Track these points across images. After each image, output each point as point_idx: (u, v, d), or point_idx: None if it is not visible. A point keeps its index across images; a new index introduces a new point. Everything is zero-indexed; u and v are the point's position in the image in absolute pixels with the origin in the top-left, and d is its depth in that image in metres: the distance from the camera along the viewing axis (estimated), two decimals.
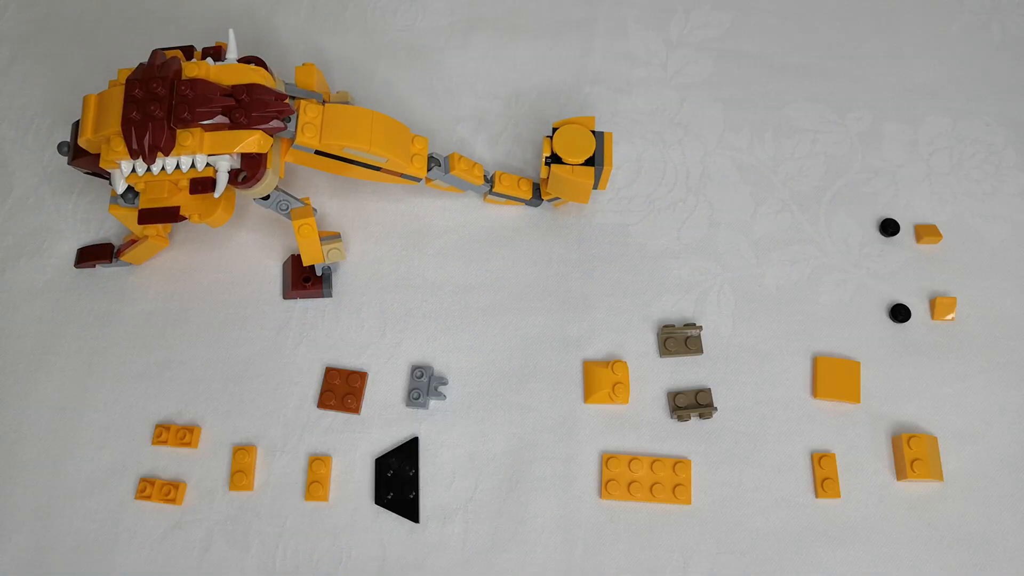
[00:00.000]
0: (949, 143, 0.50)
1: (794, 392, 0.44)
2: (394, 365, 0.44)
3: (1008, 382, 0.44)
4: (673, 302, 0.46)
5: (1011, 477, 0.42)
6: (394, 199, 0.48)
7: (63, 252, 0.47)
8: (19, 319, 0.45)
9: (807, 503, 0.42)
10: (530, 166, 0.49)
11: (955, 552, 0.41)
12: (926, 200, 0.48)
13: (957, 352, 0.45)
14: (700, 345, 0.44)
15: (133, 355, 0.44)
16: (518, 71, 0.52)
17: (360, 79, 0.51)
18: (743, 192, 0.48)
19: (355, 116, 0.40)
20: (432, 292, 0.46)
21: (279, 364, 0.44)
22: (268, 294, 0.46)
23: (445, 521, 0.41)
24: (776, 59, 0.52)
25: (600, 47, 0.52)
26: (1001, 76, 0.52)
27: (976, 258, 0.47)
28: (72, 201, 0.48)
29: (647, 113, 0.50)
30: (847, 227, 0.47)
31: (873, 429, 0.43)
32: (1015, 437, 0.43)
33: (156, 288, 0.46)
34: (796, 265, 0.46)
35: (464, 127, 0.50)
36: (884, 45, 0.53)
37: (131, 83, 0.38)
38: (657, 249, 0.47)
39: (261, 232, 0.47)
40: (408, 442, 0.42)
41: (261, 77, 0.39)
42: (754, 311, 0.45)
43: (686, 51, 0.52)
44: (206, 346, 0.45)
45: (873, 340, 0.45)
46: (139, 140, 0.37)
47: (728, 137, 0.50)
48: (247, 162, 0.39)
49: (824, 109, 0.51)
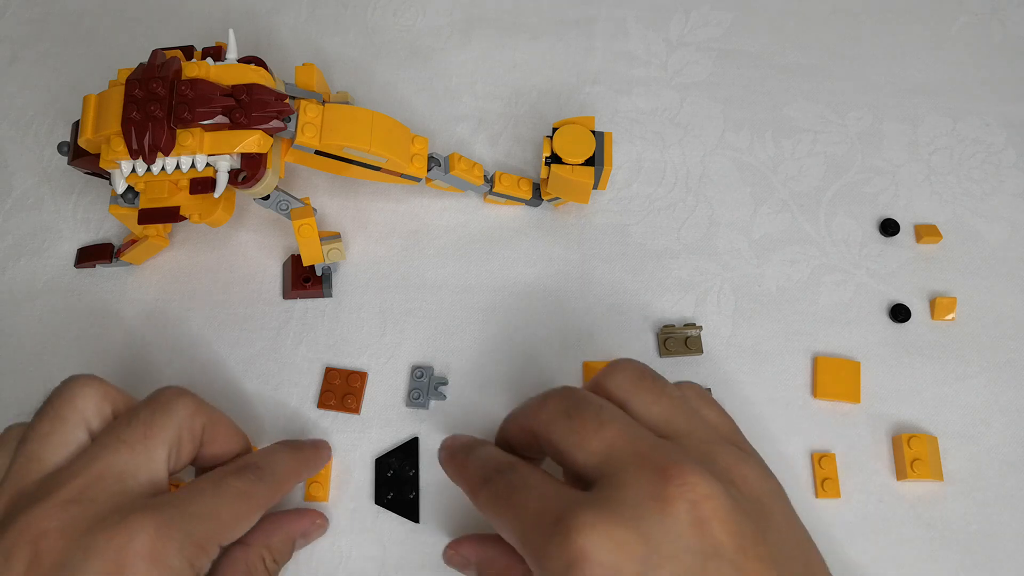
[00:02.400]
0: (949, 143, 0.50)
1: (794, 392, 0.44)
2: (394, 365, 0.44)
3: (1008, 382, 0.44)
4: (673, 302, 0.46)
5: (1011, 477, 0.42)
6: (394, 199, 0.48)
7: (63, 252, 0.47)
8: (19, 319, 0.45)
9: (807, 503, 0.42)
10: (530, 166, 0.49)
11: (955, 552, 0.41)
12: (926, 200, 0.48)
13: (957, 352, 0.45)
14: (700, 345, 0.44)
15: (133, 355, 0.44)
16: (518, 71, 0.52)
17: (360, 79, 0.51)
18: (743, 192, 0.48)
19: (355, 116, 0.40)
20: (432, 292, 0.46)
21: (279, 364, 0.44)
22: (268, 294, 0.46)
23: (446, 521, 0.41)
24: (776, 59, 0.52)
25: (600, 47, 0.52)
26: (1001, 76, 0.52)
27: (976, 258, 0.47)
28: (72, 201, 0.48)
29: (647, 113, 0.50)
30: (847, 227, 0.47)
31: (873, 429, 0.43)
32: (1015, 437, 0.43)
33: (156, 288, 0.46)
34: (796, 265, 0.47)
35: (464, 127, 0.50)
36: (884, 45, 0.53)
37: (131, 83, 0.38)
38: (657, 249, 0.47)
39: (261, 232, 0.47)
40: (408, 442, 0.42)
41: (261, 77, 0.39)
42: (754, 311, 0.45)
43: (686, 51, 0.52)
44: (206, 346, 0.45)
45: (873, 340, 0.45)
46: (139, 140, 0.37)
47: (728, 137, 0.50)
48: (247, 162, 0.39)
49: (824, 109, 0.51)
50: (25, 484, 0.31)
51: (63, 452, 0.32)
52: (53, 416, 0.33)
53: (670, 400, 0.33)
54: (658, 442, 0.31)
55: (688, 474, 0.28)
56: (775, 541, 0.30)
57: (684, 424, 0.32)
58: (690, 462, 0.29)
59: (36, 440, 0.32)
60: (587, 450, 0.31)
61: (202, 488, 0.33)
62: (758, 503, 0.30)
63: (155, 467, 0.32)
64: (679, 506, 0.28)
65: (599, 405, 0.32)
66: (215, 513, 0.32)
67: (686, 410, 0.33)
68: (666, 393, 0.33)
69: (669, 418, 0.32)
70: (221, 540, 0.32)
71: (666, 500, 0.28)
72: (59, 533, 0.29)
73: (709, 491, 0.28)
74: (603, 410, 0.31)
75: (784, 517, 0.31)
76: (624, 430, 0.31)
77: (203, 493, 0.32)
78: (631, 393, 0.33)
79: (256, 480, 0.34)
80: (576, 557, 0.27)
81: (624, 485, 0.29)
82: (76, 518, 0.29)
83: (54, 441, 0.32)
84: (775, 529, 0.30)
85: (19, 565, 0.28)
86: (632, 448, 0.30)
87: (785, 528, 0.31)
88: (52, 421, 0.33)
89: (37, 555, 0.29)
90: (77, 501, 0.30)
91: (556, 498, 0.29)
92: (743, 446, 0.34)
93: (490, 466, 0.33)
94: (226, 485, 0.33)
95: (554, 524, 0.28)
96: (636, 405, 0.33)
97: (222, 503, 0.33)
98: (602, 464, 0.30)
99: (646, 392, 0.33)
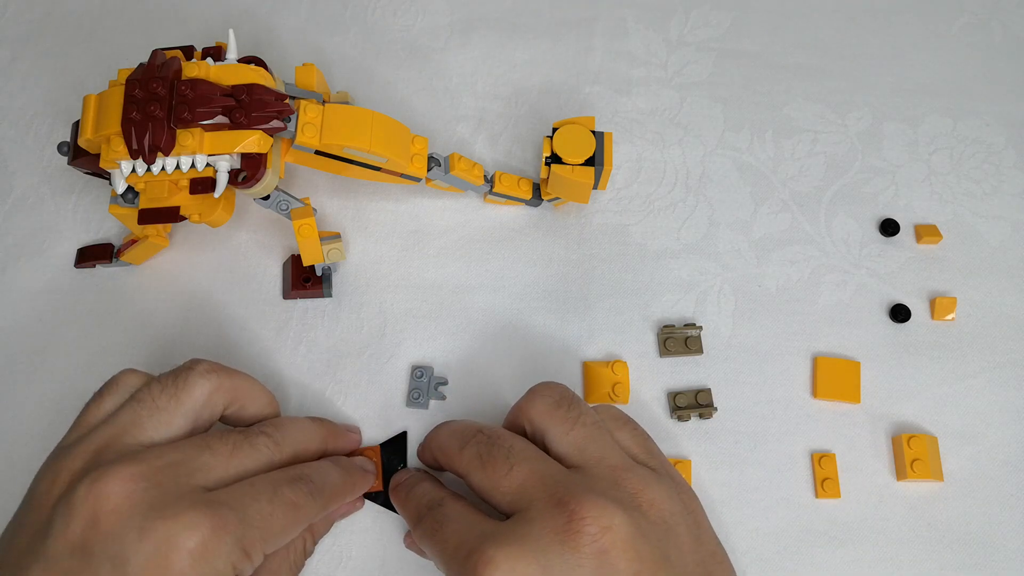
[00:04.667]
0: (949, 143, 0.50)
1: (794, 392, 0.44)
2: (394, 365, 0.44)
3: (1008, 382, 0.44)
4: (673, 302, 0.46)
5: (1011, 477, 0.42)
6: (394, 199, 0.48)
7: (63, 252, 0.47)
8: (19, 319, 0.45)
9: (807, 503, 0.42)
10: (530, 166, 0.49)
11: (955, 552, 0.41)
12: (926, 200, 0.48)
13: (957, 352, 0.45)
14: (700, 345, 0.44)
15: (133, 355, 0.44)
16: (518, 71, 0.52)
17: (360, 79, 0.51)
18: (743, 192, 0.48)
19: (355, 116, 0.40)
20: (432, 292, 0.46)
21: (279, 364, 0.44)
22: (268, 294, 0.46)
23: None
24: (776, 59, 0.52)
25: (600, 47, 0.52)
26: (1001, 76, 0.52)
27: (976, 258, 0.47)
28: (72, 201, 0.48)
29: (647, 113, 0.50)
30: (847, 227, 0.47)
31: (873, 429, 0.43)
32: (1015, 437, 0.43)
33: (156, 288, 0.46)
34: (796, 265, 0.47)
35: (464, 127, 0.50)
36: (884, 45, 0.53)
37: (131, 83, 0.38)
38: (657, 249, 0.47)
39: (261, 232, 0.47)
40: (397, 436, 0.42)
41: (261, 77, 0.39)
42: (754, 311, 0.45)
43: (686, 51, 0.52)
44: (206, 346, 0.45)
45: (873, 340, 0.45)
46: (139, 140, 0.37)
47: (728, 137, 0.50)
48: (247, 162, 0.39)
49: (824, 109, 0.51)
50: (118, 444, 0.33)
51: (163, 432, 0.34)
52: (172, 395, 0.34)
53: (583, 429, 0.35)
54: (565, 477, 0.33)
55: (589, 507, 0.31)
56: (676, 559, 0.32)
57: (596, 451, 0.34)
58: (592, 495, 0.31)
59: (147, 409, 0.34)
60: (500, 491, 0.33)
61: (259, 493, 0.33)
62: (664, 526, 0.32)
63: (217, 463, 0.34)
64: (581, 539, 0.30)
65: (509, 447, 0.34)
66: (267, 523, 0.33)
67: (599, 436, 0.35)
68: (580, 422, 0.35)
69: (582, 446, 0.34)
70: (267, 549, 0.33)
71: (568, 533, 0.30)
72: (122, 505, 0.30)
73: (609, 522, 0.31)
74: (512, 453, 0.34)
75: (691, 537, 0.33)
76: (533, 469, 0.33)
77: (259, 499, 0.33)
78: (548, 423, 0.35)
79: (308, 495, 0.35)
80: None
81: (531, 520, 0.31)
82: (143, 496, 0.30)
83: (162, 420, 0.34)
84: (678, 550, 0.32)
85: (79, 523, 0.30)
86: (540, 484, 0.33)
87: (689, 548, 0.33)
88: (169, 399, 0.34)
89: (96, 519, 0.30)
90: (147, 478, 0.31)
91: (471, 532, 0.32)
92: (657, 467, 0.36)
93: (423, 503, 0.36)
94: (281, 495, 0.34)
95: (466, 558, 0.31)
96: (552, 435, 0.35)
97: (275, 513, 0.33)
98: (514, 502, 0.33)
99: (560, 422, 0.35)
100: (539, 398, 0.36)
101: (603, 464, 0.34)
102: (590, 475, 0.33)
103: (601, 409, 0.37)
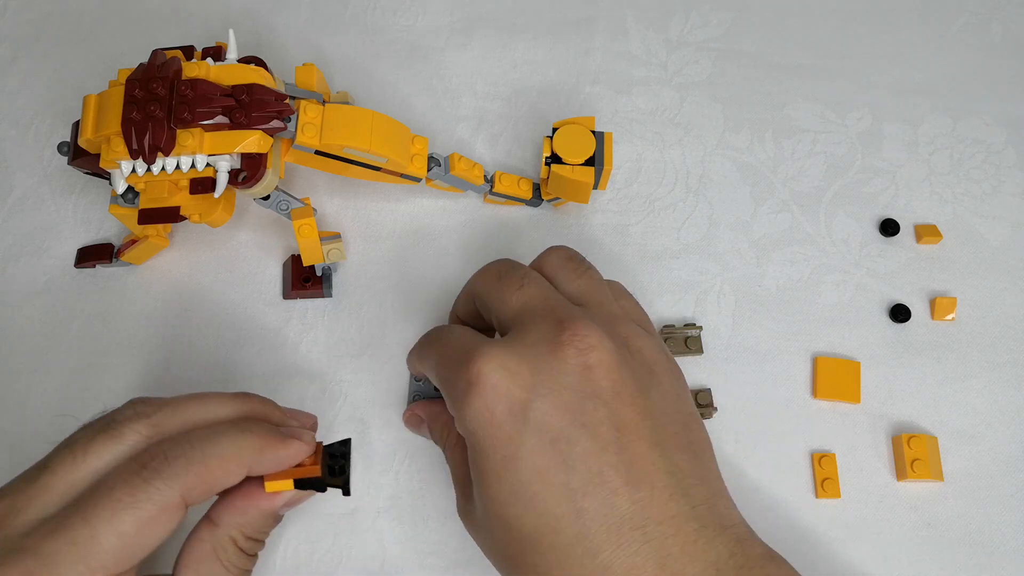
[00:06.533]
0: (949, 143, 0.50)
1: (794, 392, 0.44)
2: (394, 365, 0.44)
3: (1008, 382, 0.44)
4: (673, 302, 0.46)
5: (1011, 477, 0.42)
6: (394, 199, 0.48)
7: (63, 252, 0.47)
8: (19, 319, 0.45)
9: (807, 503, 0.42)
10: (530, 166, 0.49)
11: (955, 552, 0.41)
12: (926, 200, 0.48)
13: (957, 352, 0.45)
14: (700, 345, 0.44)
15: (133, 355, 0.44)
16: (518, 71, 0.52)
17: (360, 79, 0.51)
18: (743, 192, 0.48)
19: (355, 116, 0.40)
20: (432, 292, 0.46)
21: (279, 364, 0.44)
22: (268, 294, 0.46)
23: (446, 520, 0.41)
24: (776, 59, 0.52)
25: (600, 47, 0.52)
26: (1001, 76, 0.52)
27: (976, 258, 0.47)
28: (72, 201, 0.48)
29: (647, 113, 0.50)
30: (847, 227, 0.47)
31: (873, 429, 0.43)
32: (1015, 437, 0.43)
33: (156, 288, 0.46)
34: (796, 265, 0.47)
35: (464, 127, 0.50)
36: (884, 45, 0.53)
37: (131, 83, 0.38)
38: (657, 249, 0.47)
39: (261, 232, 0.47)
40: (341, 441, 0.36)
41: (261, 77, 0.39)
42: (754, 311, 0.45)
43: (686, 51, 0.52)
44: (206, 346, 0.45)
45: (873, 340, 0.45)
46: (139, 140, 0.37)
47: (728, 137, 0.50)
48: (247, 162, 0.39)
49: (824, 109, 0.51)
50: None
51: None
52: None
53: (590, 279, 0.37)
54: (567, 303, 0.35)
55: (583, 327, 0.33)
56: (657, 399, 0.33)
57: (598, 298, 0.36)
58: (588, 319, 0.33)
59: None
60: (508, 304, 0.35)
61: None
62: (648, 366, 0.34)
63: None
64: (568, 351, 0.32)
65: (525, 272, 0.37)
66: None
67: (603, 289, 0.37)
68: (588, 275, 0.38)
69: (586, 292, 0.37)
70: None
71: (558, 344, 0.32)
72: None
73: (598, 343, 0.33)
74: (527, 276, 0.36)
75: (672, 387, 0.35)
76: (540, 291, 0.36)
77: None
78: (558, 269, 0.38)
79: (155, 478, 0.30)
80: (473, 380, 0.32)
81: (528, 331, 0.34)
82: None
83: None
84: (659, 390, 0.34)
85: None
86: (544, 304, 0.35)
87: (671, 394, 0.34)
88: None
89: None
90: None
91: (471, 340, 0.34)
92: (650, 331, 0.37)
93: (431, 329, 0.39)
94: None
95: (462, 356, 0.33)
96: (560, 279, 0.37)
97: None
98: (516, 316, 0.35)
99: (571, 271, 0.38)
100: (554, 253, 0.38)
101: (603, 309, 0.36)
102: (590, 313, 0.35)
103: (611, 280, 0.39)
